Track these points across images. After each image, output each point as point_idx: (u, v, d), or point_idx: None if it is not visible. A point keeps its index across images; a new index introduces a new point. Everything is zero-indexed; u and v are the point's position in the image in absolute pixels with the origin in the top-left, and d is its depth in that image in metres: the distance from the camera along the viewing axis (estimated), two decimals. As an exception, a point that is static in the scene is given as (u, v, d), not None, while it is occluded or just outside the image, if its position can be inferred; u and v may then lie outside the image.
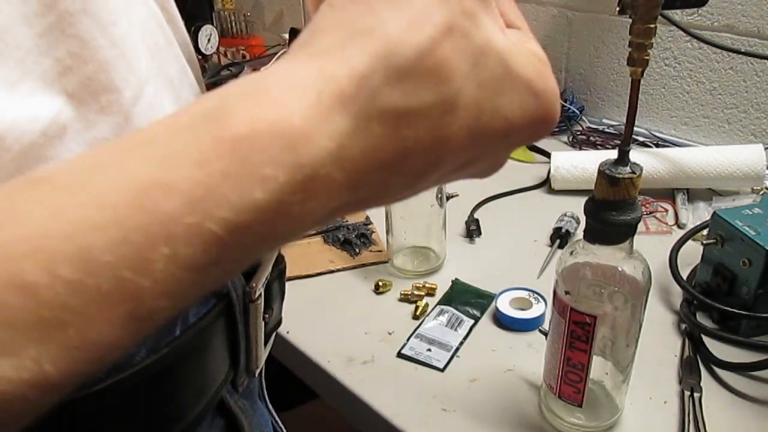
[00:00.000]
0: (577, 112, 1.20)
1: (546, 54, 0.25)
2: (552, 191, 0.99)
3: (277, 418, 0.52)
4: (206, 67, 1.45)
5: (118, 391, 0.31)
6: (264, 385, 0.51)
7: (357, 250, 0.85)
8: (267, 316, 0.42)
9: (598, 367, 0.54)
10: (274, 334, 0.46)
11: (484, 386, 0.63)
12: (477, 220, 0.90)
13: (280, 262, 0.45)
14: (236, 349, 0.40)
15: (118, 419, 0.32)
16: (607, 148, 1.10)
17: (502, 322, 0.71)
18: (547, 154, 1.07)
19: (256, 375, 0.45)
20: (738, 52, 0.97)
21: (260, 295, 0.40)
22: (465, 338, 0.69)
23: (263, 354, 0.44)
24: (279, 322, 0.47)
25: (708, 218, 0.72)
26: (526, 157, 1.11)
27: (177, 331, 0.35)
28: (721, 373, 0.62)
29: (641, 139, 1.11)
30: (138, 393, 0.32)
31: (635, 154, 0.87)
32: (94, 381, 0.30)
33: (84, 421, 0.30)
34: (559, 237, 0.84)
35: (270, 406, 0.52)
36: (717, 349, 0.64)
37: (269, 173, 0.18)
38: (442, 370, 0.65)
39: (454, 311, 0.73)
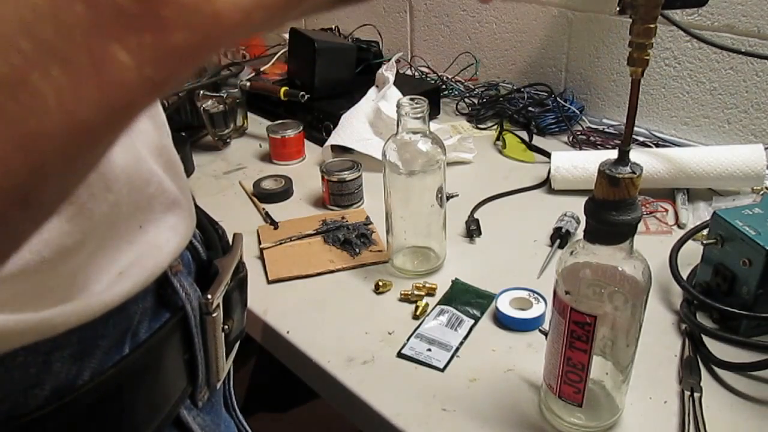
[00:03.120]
0: (577, 112, 1.20)
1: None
2: (552, 191, 0.99)
3: (248, 429, 0.51)
4: (206, 67, 1.44)
5: (58, 417, 0.29)
6: (232, 395, 0.49)
7: (357, 250, 0.85)
8: (227, 327, 0.40)
9: (598, 367, 0.54)
10: (237, 345, 0.45)
11: (484, 386, 0.63)
12: (477, 220, 0.90)
13: (240, 270, 0.43)
14: (194, 363, 0.38)
15: None
16: (607, 148, 1.10)
17: (502, 322, 0.71)
18: (547, 154, 1.07)
19: (219, 387, 0.43)
20: (738, 52, 0.97)
21: (218, 306, 0.38)
22: (465, 338, 0.69)
23: (225, 366, 0.42)
24: (242, 332, 0.45)
25: (708, 218, 0.72)
26: (526, 157, 1.11)
27: (126, 349, 0.33)
28: (721, 373, 0.62)
29: (641, 139, 1.11)
30: (84, 416, 0.30)
31: (635, 154, 0.87)
32: (32, 408, 0.28)
33: None
34: (559, 237, 0.84)
35: (240, 417, 0.50)
36: (717, 349, 0.64)
37: None
38: (442, 370, 0.65)
39: (454, 311, 0.73)
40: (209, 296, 0.37)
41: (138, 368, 0.33)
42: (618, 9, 0.56)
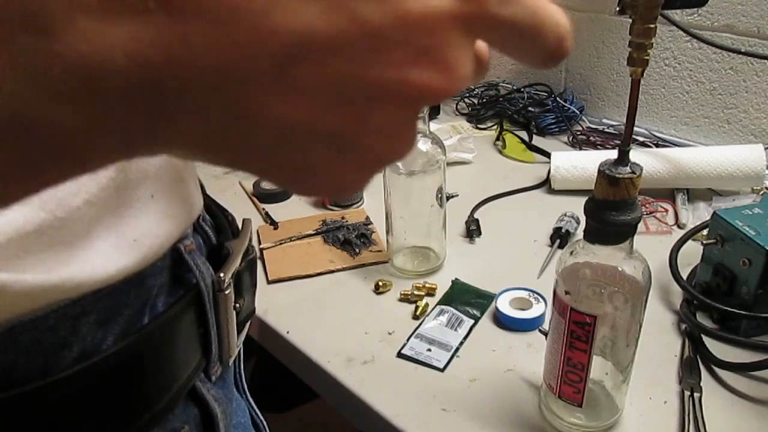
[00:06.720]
0: (577, 112, 1.20)
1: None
2: (552, 191, 0.99)
3: (256, 410, 0.53)
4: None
5: (84, 378, 0.31)
6: (242, 376, 0.52)
7: (357, 250, 0.85)
8: (238, 305, 0.43)
9: (598, 367, 0.54)
10: (247, 324, 0.47)
11: (484, 386, 0.63)
12: (477, 220, 0.90)
13: (249, 253, 0.46)
14: (207, 338, 0.40)
15: (85, 406, 0.32)
16: (607, 148, 1.10)
17: (502, 322, 0.71)
18: (547, 154, 1.07)
19: (231, 364, 0.46)
20: (738, 52, 0.97)
21: (230, 284, 0.40)
22: (465, 338, 0.69)
23: (236, 343, 0.44)
24: (252, 312, 0.48)
25: (708, 218, 0.72)
26: (526, 157, 1.11)
27: (145, 320, 0.35)
28: (721, 373, 0.62)
29: (641, 139, 1.11)
30: (105, 380, 0.32)
31: (635, 154, 0.87)
32: (60, 368, 0.30)
33: (49, 408, 0.30)
34: (559, 237, 0.84)
35: (249, 398, 0.52)
36: (717, 349, 0.64)
37: None
38: (442, 370, 0.65)
39: (454, 311, 0.73)
40: (221, 274, 0.40)
41: (157, 338, 0.35)
42: (618, 9, 0.56)
